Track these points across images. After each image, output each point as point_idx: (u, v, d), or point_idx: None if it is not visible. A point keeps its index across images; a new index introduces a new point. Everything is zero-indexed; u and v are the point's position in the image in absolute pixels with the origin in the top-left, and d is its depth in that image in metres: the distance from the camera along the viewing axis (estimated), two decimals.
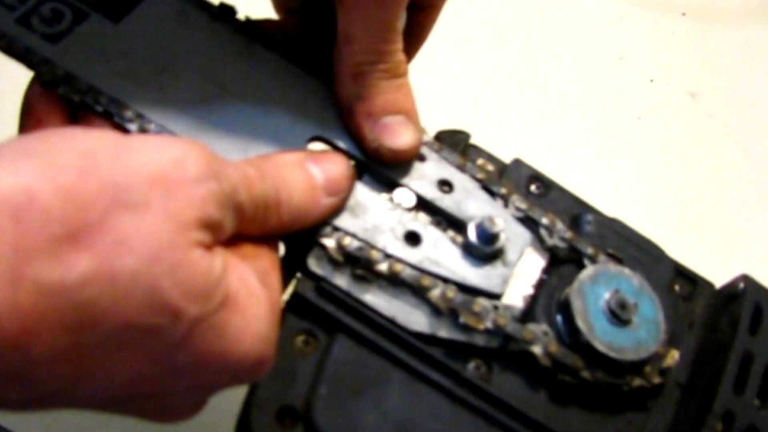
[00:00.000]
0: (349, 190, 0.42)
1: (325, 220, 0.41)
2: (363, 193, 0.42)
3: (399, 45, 0.43)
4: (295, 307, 0.41)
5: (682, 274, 0.48)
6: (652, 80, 0.99)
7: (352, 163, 0.43)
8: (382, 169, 0.44)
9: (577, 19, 1.02)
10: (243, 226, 0.36)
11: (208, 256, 0.32)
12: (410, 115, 0.44)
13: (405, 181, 0.44)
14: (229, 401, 0.42)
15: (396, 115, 0.43)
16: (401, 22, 0.42)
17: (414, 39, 0.48)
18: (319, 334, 0.41)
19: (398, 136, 0.43)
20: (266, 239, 0.38)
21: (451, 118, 0.82)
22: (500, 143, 0.50)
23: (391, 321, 0.41)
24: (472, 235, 0.42)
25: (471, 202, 0.44)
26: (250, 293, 0.35)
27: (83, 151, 0.31)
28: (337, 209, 0.41)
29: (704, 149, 0.93)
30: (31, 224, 0.28)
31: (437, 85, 0.89)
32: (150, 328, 0.30)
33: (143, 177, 0.31)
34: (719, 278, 0.50)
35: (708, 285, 0.49)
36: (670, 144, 0.93)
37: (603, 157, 0.90)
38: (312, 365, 0.41)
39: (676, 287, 0.48)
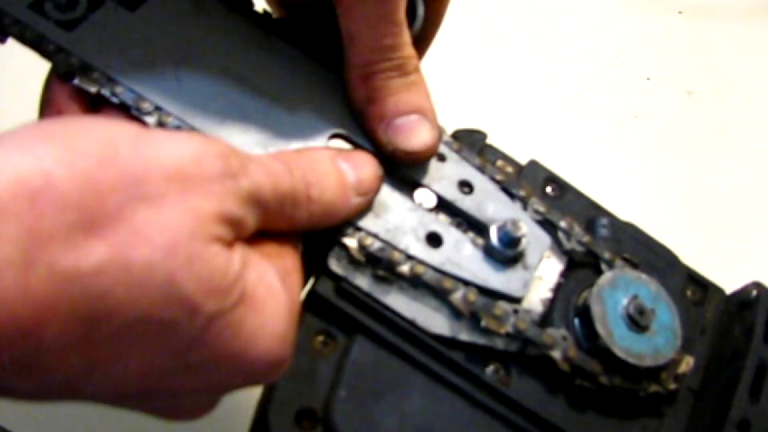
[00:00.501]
0: (378, 190, 0.41)
1: (349, 220, 0.40)
2: (385, 192, 0.42)
3: (405, 39, 0.42)
4: (313, 306, 0.41)
5: (694, 279, 0.48)
6: (648, 78, 0.99)
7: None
8: (404, 169, 0.43)
9: (574, 18, 1.02)
10: (269, 222, 0.36)
11: (227, 251, 0.32)
12: (425, 113, 0.42)
13: (426, 181, 0.43)
14: (244, 400, 0.41)
15: (410, 114, 0.42)
16: (403, 14, 0.41)
17: (425, 32, 0.47)
18: (338, 335, 0.41)
19: (413, 137, 0.42)
20: (290, 237, 0.38)
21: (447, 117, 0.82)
22: (495, 141, 0.50)
23: (412, 323, 0.41)
24: (494, 237, 0.42)
25: (491, 204, 0.44)
26: (269, 291, 0.34)
27: (104, 140, 0.30)
28: (365, 209, 0.41)
29: (701, 148, 0.93)
30: (48, 208, 0.28)
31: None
32: (165, 322, 0.30)
33: (162, 171, 0.30)
34: (715, 275, 0.50)
35: (719, 291, 0.49)
36: (667, 142, 0.93)
37: (599, 155, 0.90)
38: (331, 366, 0.40)
39: (688, 293, 0.48)
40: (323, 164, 0.38)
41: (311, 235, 0.40)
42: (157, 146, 0.31)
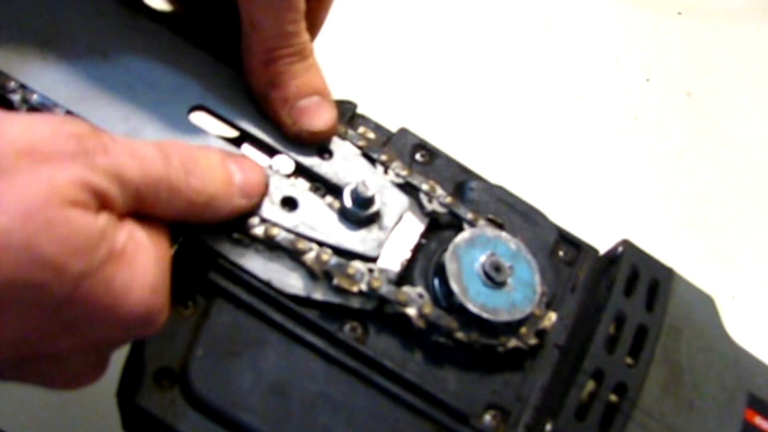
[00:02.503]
0: (262, 197, 0.42)
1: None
2: None
3: (303, 25, 0.44)
4: (175, 271, 0.42)
5: (567, 239, 0.49)
6: (648, 79, 1.00)
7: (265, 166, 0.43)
8: (262, 137, 0.44)
9: (574, 19, 1.03)
10: (144, 205, 0.37)
11: (89, 214, 0.33)
12: (324, 95, 0.45)
13: (284, 148, 0.45)
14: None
15: (311, 96, 0.44)
16: (303, 2, 0.43)
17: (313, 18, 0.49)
18: (198, 299, 0.42)
19: (316, 118, 0.44)
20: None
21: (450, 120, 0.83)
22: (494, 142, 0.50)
23: (267, 284, 0.42)
24: (347, 199, 0.43)
25: (350, 169, 0.45)
26: (138, 246, 0.35)
27: None
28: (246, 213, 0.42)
29: (700, 148, 0.94)
30: None
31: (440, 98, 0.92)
32: (32, 284, 0.31)
33: (13, 148, 0.32)
34: (713, 275, 0.51)
35: (593, 250, 0.49)
36: (667, 143, 0.94)
37: (599, 156, 0.91)
38: (190, 328, 0.42)
39: (560, 253, 0.49)
40: (210, 159, 0.39)
41: None
42: (9, 127, 0.33)
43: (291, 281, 0.42)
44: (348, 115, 0.48)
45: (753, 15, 1.08)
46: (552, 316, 0.44)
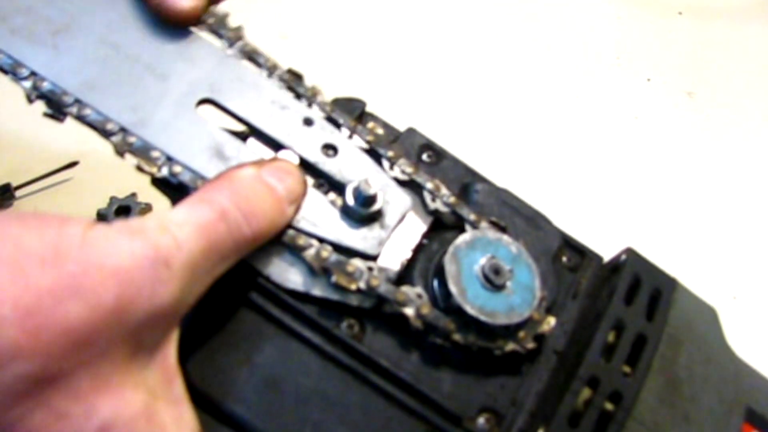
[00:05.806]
0: (305, 193, 0.42)
1: None
2: (246, 155, 0.43)
3: None
4: None
5: (571, 245, 0.49)
6: (649, 80, 1.00)
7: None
8: (268, 132, 0.45)
9: (575, 19, 1.03)
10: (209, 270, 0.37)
11: None
12: None
13: (290, 143, 0.45)
14: None
15: None
16: None
17: None
18: None
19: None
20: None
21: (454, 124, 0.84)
22: (499, 143, 0.50)
23: (267, 278, 0.42)
24: (349, 197, 0.43)
25: (354, 167, 0.45)
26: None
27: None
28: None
29: (701, 148, 0.94)
30: None
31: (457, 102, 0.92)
32: None
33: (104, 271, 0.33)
34: (713, 277, 0.51)
35: (596, 257, 0.49)
36: (668, 143, 0.94)
37: (600, 156, 0.91)
38: (188, 319, 0.42)
39: (564, 258, 0.48)
40: (255, 187, 0.39)
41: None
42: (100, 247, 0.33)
43: (290, 276, 0.42)
44: (357, 112, 0.48)
45: (753, 15, 1.08)
46: (551, 321, 0.44)
